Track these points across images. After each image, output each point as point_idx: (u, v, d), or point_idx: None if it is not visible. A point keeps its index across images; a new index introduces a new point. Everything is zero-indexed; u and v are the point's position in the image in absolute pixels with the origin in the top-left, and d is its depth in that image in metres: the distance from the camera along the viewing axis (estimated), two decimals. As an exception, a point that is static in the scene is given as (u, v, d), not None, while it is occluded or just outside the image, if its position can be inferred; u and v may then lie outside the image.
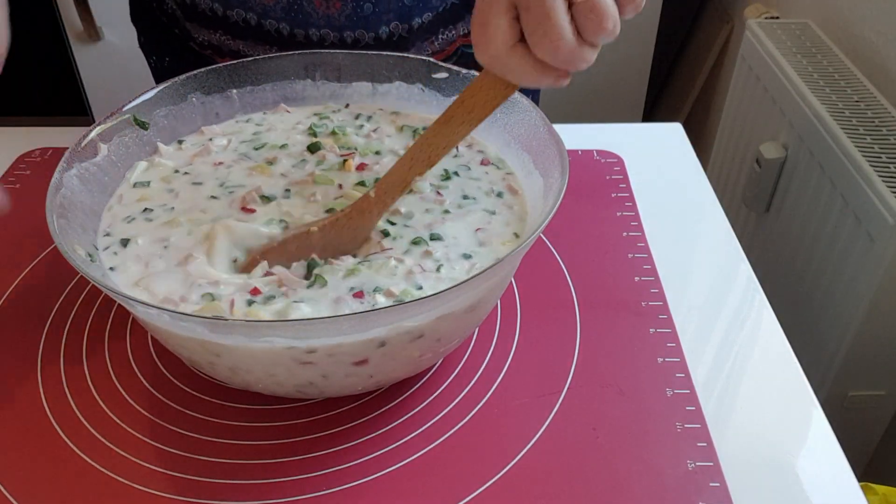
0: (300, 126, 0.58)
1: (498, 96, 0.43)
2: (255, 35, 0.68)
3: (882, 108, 0.98)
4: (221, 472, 0.44)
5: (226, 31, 0.68)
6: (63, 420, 0.47)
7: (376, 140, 0.56)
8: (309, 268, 0.45)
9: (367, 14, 0.66)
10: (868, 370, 0.92)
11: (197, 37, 0.71)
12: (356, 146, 0.56)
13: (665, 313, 0.54)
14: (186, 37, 0.72)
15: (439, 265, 0.45)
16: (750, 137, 1.19)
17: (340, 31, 0.66)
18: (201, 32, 0.70)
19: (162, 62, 0.77)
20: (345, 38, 0.67)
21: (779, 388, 0.50)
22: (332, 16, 0.66)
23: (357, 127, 0.58)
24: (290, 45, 0.68)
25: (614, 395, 0.48)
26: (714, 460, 0.45)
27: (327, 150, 0.55)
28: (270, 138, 0.57)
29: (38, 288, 0.57)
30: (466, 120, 0.45)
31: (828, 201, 0.95)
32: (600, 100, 1.73)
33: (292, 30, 0.66)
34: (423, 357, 0.45)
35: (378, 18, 0.67)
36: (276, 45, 0.68)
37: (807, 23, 1.19)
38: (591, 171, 0.69)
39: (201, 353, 0.42)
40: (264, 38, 0.68)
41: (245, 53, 0.69)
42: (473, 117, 0.45)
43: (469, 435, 0.46)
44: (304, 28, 0.66)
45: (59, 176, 0.47)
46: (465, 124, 0.45)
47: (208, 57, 0.72)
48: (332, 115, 0.59)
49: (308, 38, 0.67)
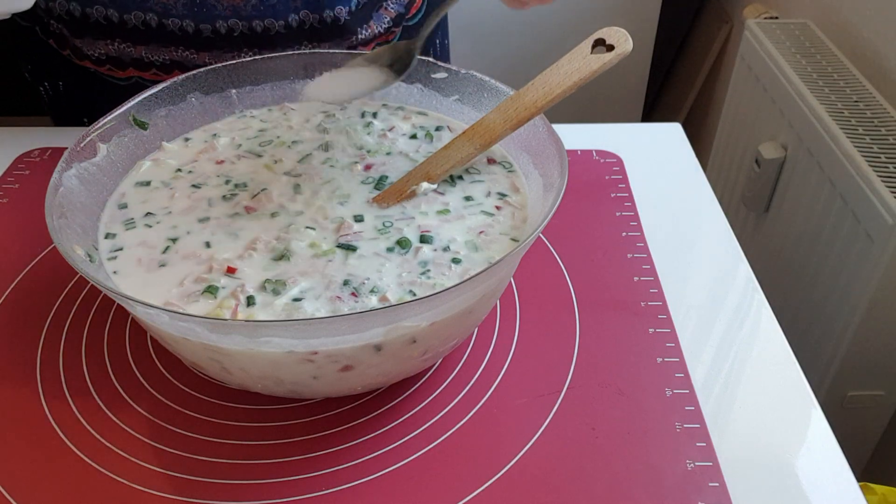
0: (308, 124, 0.59)
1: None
2: (158, 37, 0.65)
3: (881, 108, 0.98)
4: (221, 472, 0.44)
5: (124, 38, 0.66)
6: (62, 420, 0.47)
7: (389, 141, 0.56)
8: None
9: (274, 2, 0.65)
10: (867, 370, 0.93)
11: (91, 52, 0.68)
12: (367, 146, 0.56)
13: (664, 313, 0.54)
14: (79, 55, 0.69)
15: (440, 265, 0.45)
16: (749, 137, 1.19)
17: (249, 20, 0.65)
18: (96, 46, 0.67)
19: (56, 88, 0.74)
20: (254, 28, 0.65)
21: (778, 387, 0.50)
22: (239, 6, 0.64)
23: (365, 125, 0.58)
24: (197, 42, 0.66)
25: (613, 394, 0.48)
26: (713, 460, 0.45)
27: (339, 149, 0.55)
28: (277, 135, 0.57)
29: (37, 288, 0.57)
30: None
31: (827, 201, 0.95)
32: (599, 100, 1.73)
33: (197, 26, 0.65)
34: (423, 357, 0.45)
35: (286, 6, 0.65)
36: (182, 45, 0.66)
37: (806, 23, 1.19)
38: (590, 171, 0.69)
39: (201, 354, 0.42)
40: (168, 40, 0.66)
41: (148, 60, 0.67)
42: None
43: (469, 435, 0.46)
44: (211, 22, 0.65)
45: (58, 176, 0.47)
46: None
47: (105, 73, 0.70)
48: (339, 113, 0.59)
49: (216, 31, 0.65)
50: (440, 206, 0.50)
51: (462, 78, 0.57)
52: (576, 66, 0.48)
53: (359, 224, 0.49)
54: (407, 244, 0.47)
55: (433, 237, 0.48)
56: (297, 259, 0.46)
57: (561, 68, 0.49)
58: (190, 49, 0.66)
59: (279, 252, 0.46)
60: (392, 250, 0.47)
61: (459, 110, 0.58)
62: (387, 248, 0.47)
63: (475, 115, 0.56)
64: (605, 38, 0.48)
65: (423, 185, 0.51)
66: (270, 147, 0.56)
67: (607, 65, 0.47)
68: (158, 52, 0.66)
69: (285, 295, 0.43)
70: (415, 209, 0.50)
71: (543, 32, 1.63)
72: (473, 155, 0.51)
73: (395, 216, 0.49)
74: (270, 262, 0.46)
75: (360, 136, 0.57)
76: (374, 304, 0.43)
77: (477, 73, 0.56)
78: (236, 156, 0.55)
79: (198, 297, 0.44)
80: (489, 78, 0.55)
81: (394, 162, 0.54)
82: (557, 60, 0.49)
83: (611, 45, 0.48)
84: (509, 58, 1.64)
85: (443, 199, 0.51)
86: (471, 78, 0.56)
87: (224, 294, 0.44)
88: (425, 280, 0.44)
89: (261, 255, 0.46)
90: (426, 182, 0.51)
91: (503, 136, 0.51)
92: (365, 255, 0.46)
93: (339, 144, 0.56)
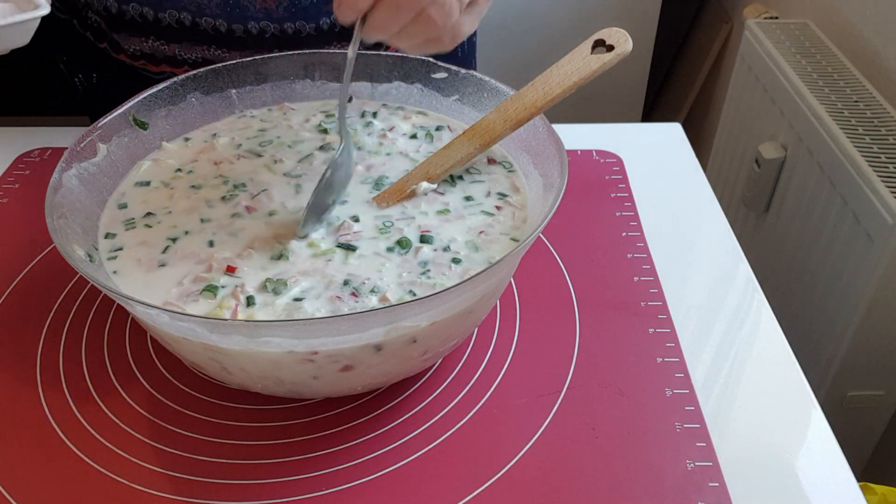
0: (308, 124, 0.59)
1: None
2: (191, 36, 0.66)
3: (881, 108, 0.98)
4: (220, 472, 0.44)
5: (158, 35, 0.66)
6: (62, 420, 0.47)
7: (389, 141, 0.56)
8: None
9: (306, 5, 0.65)
10: (867, 370, 0.93)
11: (127, 47, 0.69)
12: (367, 146, 0.56)
13: (664, 313, 0.54)
14: (116, 49, 0.70)
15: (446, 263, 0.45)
16: (749, 137, 1.19)
17: (280, 22, 0.65)
18: (131, 42, 0.68)
19: (89, 79, 0.74)
20: (286, 30, 0.66)
21: (778, 387, 0.50)
22: (271, 8, 0.65)
23: (365, 125, 0.58)
24: (229, 42, 0.66)
25: (613, 394, 0.48)
26: (713, 460, 0.45)
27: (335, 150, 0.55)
28: (277, 135, 0.57)
29: (37, 288, 0.57)
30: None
31: (827, 201, 0.95)
32: (599, 100, 1.73)
33: (230, 26, 0.65)
34: (424, 357, 0.45)
35: (318, 9, 0.66)
36: (214, 44, 0.66)
37: (806, 23, 1.19)
38: (590, 171, 0.69)
39: (201, 354, 0.42)
40: (201, 38, 0.66)
41: (181, 58, 0.68)
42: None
43: (469, 435, 0.46)
44: (243, 23, 0.65)
45: (58, 176, 0.47)
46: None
47: (140, 67, 0.70)
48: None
49: (247, 32, 0.66)
50: (440, 206, 0.50)
51: (462, 78, 0.57)
52: (575, 67, 0.48)
53: (358, 224, 0.49)
54: (407, 244, 0.47)
55: (433, 237, 0.48)
56: (297, 258, 0.46)
57: (561, 69, 0.49)
58: (222, 48, 0.67)
59: (278, 252, 0.46)
60: (392, 250, 0.47)
61: (459, 110, 0.58)
62: (387, 247, 0.47)
63: (475, 115, 0.56)
64: (605, 39, 0.48)
65: (422, 185, 0.51)
66: (270, 147, 0.56)
67: (607, 65, 0.47)
68: (191, 50, 0.67)
69: (286, 295, 0.43)
70: (415, 209, 0.50)
71: (543, 33, 1.63)
72: (473, 155, 0.51)
73: (395, 216, 0.49)
74: (270, 261, 0.46)
75: (359, 136, 0.57)
76: (374, 304, 0.43)
77: (477, 73, 0.56)
78: (236, 156, 0.55)
79: (197, 297, 0.44)
80: (489, 78, 0.55)
81: (394, 162, 0.54)
82: (557, 61, 0.49)
83: (611, 45, 0.48)
84: (509, 58, 1.64)
85: (443, 198, 0.51)
86: (471, 78, 0.56)
87: (224, 294, 0.44)
88: (425, 280, 0.44)
89: (260, 255, 0.46)
90: (426, 182, 0.51)
91: (503, 136, 0.51)
92: (365, 255, 0.46)
93: (339, 144, 0.56)
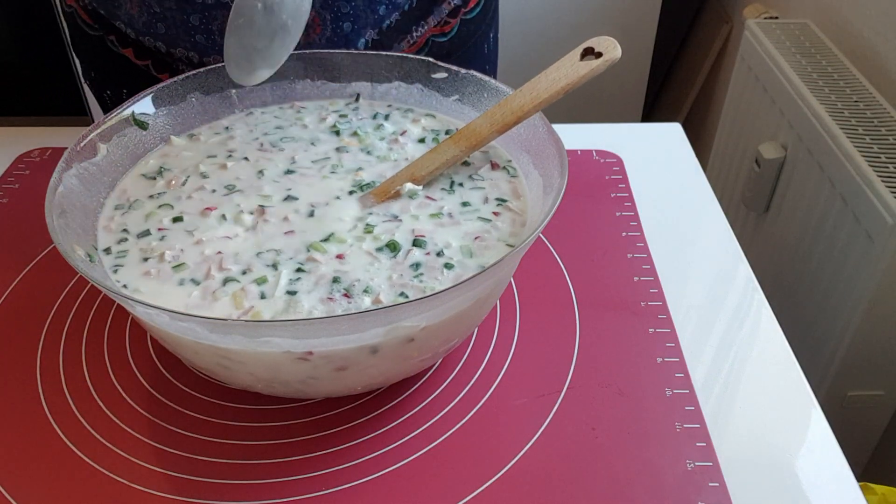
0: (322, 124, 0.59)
1: None
2: None
3: (881, 108, 0.98)
4: (220, 472, 0.44)
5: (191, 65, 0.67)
6: (62, 420, 0.47)
7: (399, 146, 0.56)
8: None
9: (347, 32, 0.66)
10: (867, 370, 0.93)
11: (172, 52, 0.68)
12: (376, 151, 0.56)
13: (664, 313, 0.54)
14: (159, 69, 0.69)
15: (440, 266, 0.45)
16: (749, 137, 1.19)
17: (314, 48, 0.65)
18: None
19: (119, 95, 0.73)
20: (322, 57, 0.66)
21: (778, 387, 0.50)
22: (313, 41, 0.65)
23: (376, 127, 0.58)
24: None
25: (613, 395, 0.48)
26: (713, 460, 0.45)
27: (350, 153, 0.55)
28: (281, 137, 0.57)
29: (37, 288, 0.57)
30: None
31: (827, 201, 0.95)
32: (599, 100, 1.73)
33: None
34: (422, 357, 0.45)
35: (357, 34, 0.67)
36: None
37: (806, 23, 1.19)
38: (590, 172, 0.69)
39: (201, 354, 0.42)
40: None
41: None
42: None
43: (469, 435, 0.46)
44: None
45: (58, 176, 0.46)
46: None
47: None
48: (351, 113, 0.59)
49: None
50: (434, 210, 0.50)
51: (462, 78, 0.57)
52: (563, 73, 0.48)
53: (347, 223, 0.48)
54: (396, 247, 0.47)
55: (426, 241, 0.47)
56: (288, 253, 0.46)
57: (549, 75, 0.49)
58: None
59: (272, 249, 0.46)
60: (381, 251, 0.46)
61: (459, 110, 0.58)
62: (376, 248, 0.47)
63: (475, 116, 0.56)
64: (595, 47, 0.48)
65: (407, 186, 0.51)
66: (271, 147, 0.56)
67: (595, 70, 0.47)
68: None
69: (279, 287, 0.43)
70: (405, 213, 0.49)
71: (543, 33, 1.63)
72: (459, 157, 0.52)
73: (386, 218, 0.49)
74: (262, 260, 0.46)
75: (370, 138, 0.57)
76: (367, 305, 0.43)
77: (477, 73, 0.56)
78: (235, 156, 0.55)
79: (197, 297, 0.44)
80: (489, 78, 0.55)
81: (399, 169, 0.54)
82: (546, 69, 0.49)
83: (599, 52, 0.48)
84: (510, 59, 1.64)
85: (438, 203, 0.51)
86: (471, 78, 0.56)
87: (224, 293, 0.44)
88: (417, 283, 0.44)
89: (254, 255, 0.46)
90: (411, 183, 0.51)
91: (489, 140, 0.51)
92: (354, 254, 0.46)
93: (348, 148, 0.56)
